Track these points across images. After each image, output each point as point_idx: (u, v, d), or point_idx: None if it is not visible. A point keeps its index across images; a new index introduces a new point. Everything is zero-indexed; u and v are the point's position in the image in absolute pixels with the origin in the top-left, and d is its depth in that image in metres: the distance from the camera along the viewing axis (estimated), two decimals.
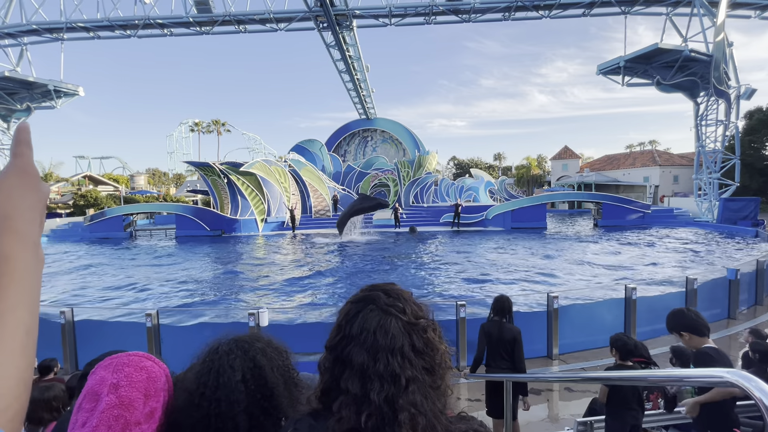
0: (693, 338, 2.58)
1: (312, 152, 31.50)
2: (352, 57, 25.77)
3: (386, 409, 0.69)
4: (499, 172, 68.19)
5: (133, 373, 0.81)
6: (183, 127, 60.32)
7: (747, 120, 35.71)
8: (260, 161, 23.88)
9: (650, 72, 22.42)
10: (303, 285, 10.75)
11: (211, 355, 0.94)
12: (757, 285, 8.20)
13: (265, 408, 0.90)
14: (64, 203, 38.96)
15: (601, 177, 43.37)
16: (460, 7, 22.53)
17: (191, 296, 9.88)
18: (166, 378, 0.87)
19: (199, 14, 22.95)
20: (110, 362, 0.83)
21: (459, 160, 76.88)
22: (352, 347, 0.75)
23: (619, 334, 3.20)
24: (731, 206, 21.44)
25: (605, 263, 12.66)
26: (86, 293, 10.34)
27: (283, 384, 0.94)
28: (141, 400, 0.79)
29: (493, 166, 74.02)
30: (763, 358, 3.42)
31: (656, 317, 6.51)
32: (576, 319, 6.23)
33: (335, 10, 20.94)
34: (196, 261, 15.07)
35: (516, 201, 26.11)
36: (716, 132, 21.93)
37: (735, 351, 5.15)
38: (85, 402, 0.78)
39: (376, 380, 0.71)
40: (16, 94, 21.92)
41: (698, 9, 20.96)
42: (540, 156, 64.58)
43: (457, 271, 11.90)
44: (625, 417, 2.88)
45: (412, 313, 0.77)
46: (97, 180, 49.77)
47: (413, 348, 0.74)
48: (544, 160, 63.34)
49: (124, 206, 28.13)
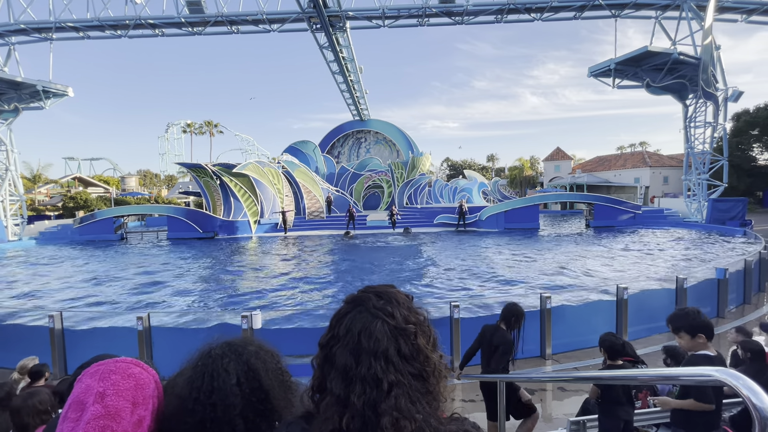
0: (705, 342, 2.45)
1: (305, 153, 31.39)
2: (346, 58, 25.74)
3: (369, 412, 0.68)
4: (493, 173, 68.58)
5: (120, 381, 0.79)
6: (175, 128, 59.71)
7: (734, 122, 36.35)
8: (253, 162, 23.73)
9: (640, 74, 22.73)
10: (295, 287, 10.69)
11: (203, 359, 0.92)
12: (745, 284, 8.33)
13: (261, 411, 0.89)
14: (53, 205, 38.37)
15: (593, 178, 43.80)
16: (453, 9, 22.63)
17: (184, 298, 9.78)
18: (156, 384, 0.85)
19: (191, 15, 22.73)
20: (96, 369, 0.80)
21: (452, 162, 77.19)
22: (338, 347, 0.74)
23: (608, 334, 3.23)
24: (720, 207, 21.78)
25: (599, 263, 12.78)
26: (76, 296, 10.17)
27: (277, 387, 0.93)
28: (128, 409, 0.77)
29: (486, 167, 74.43)
30: (755, 356, 3.46)
31: (647, 317, 6.59)
32: (568, 319, 6.27)
33: (328, 12, 20.91)
34: (187, 263, 14.92)
35: (509, 202, 26.25)
36: (704, 134, 22.27)
37: (724, 350, 5.22)
38: (70, 412, 0.76)
39: (358, 383, 0.70)
40: (4, 94, 21.53)
41: (686, 13, 21.32)
42: (532, 157, 65.06)
43: (460, 272, 11.93)
44: (618, 413, 2.90)
45: (402, 317, 0.75)
46: (87, 182, 49.11)
47: (399, 353, 0.72)
48: (536, 162, 63.80)
49: (114, 208, 27.78)
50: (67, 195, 37.36)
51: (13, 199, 22.68)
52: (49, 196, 42.87)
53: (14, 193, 22.68)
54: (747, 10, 21.68)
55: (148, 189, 59.19)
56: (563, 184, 44.25)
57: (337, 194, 28.42)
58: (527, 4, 22.16)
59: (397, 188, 28.99)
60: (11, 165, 22.18)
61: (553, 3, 21.91)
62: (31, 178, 40.18)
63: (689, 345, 2.51)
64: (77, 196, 36.02)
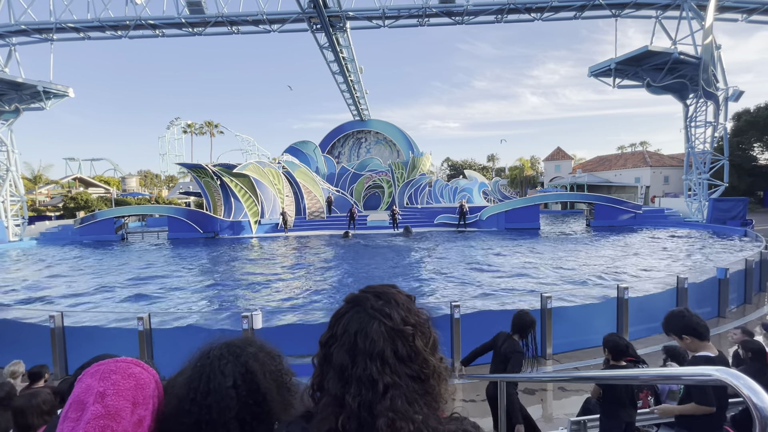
0: (694, 342, 2.47)
1: (306, 154, 31.40)
2: (346, 58, 25.75)
3: (364, 413, 0.68)
4: (493, 173, 68.55)
5: (121, 381, 0.79)
6: (175, 128, 59.76)
7: (735, 121, 36.32)
8: (254, 163, 23.74)
9: (640, 74, 22.71)
10: (296, 286, 10.70)
11: (202, 360, 0.92)
12: (746, 284, 8.31)
13: (257, 414, 0.89)
14: (53, 206, 38.42)
15: (593, 178, 43.78)
16: (453, 9, 22.63)
17: (185, 299, 9.79)
18: (156, 384, 0.85)
19: (191, 15, 22.75)
20: (97, 369, 0.80)
21: (453, 162, 77.20)
22: (336, 347, 0.74)
23: (611, 334, 3.23)
24: (720, 206, 21.75)
25: (597, 263, 12.77)
26: (76, 296, 10.18)
27: (275, 389, 0.93)
28: (129, 409, 0.77)
29: (486, 167, 74.41)
30: (755, 355, 3.45)
31: (648, 317, 6.59)
32: (568, 319, 6.27)
33: (329, 12, 20.91)
34: (187, 263, 14.93)
35: (510, 202, 26.25)
36: (705, 133, 22.25)
37: (725, 349, 5.22)
38: (70, 411, 0.76)
39: (354, 384, 0.69)
40: (5, 95, 21.55)
41: (687, 12, 21.31)
42: (533, 157, 65.07)
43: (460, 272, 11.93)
44: (620, 415, 2.89)
45: (400, 318, 0.74)
46: (88, 182, 49.14)
47: (396, 354, 0.71)
48: (537, 162, 63.80)
49: (115, 208, 27.82)
50: (68, 195, 37.39)
51: (14, 199, 22.70)
52: (49, 196, 42.91)
53: (15, 193, 22.69)
54: (747, 9, 21.65)
55: (148, 189, 59.24)
56: (564, 184, 44.23)
57: (338, 194, 28.41)
58: (527, 4, 22.15)
59: (398, 188, 28.99)
60: (12, 165, 22.21)
61: (553, 3, 21.90)
62: (32, 178, 40.25)
63: (684, 346, 2.53)
64: (78, 197, 36.05)
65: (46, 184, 44.87)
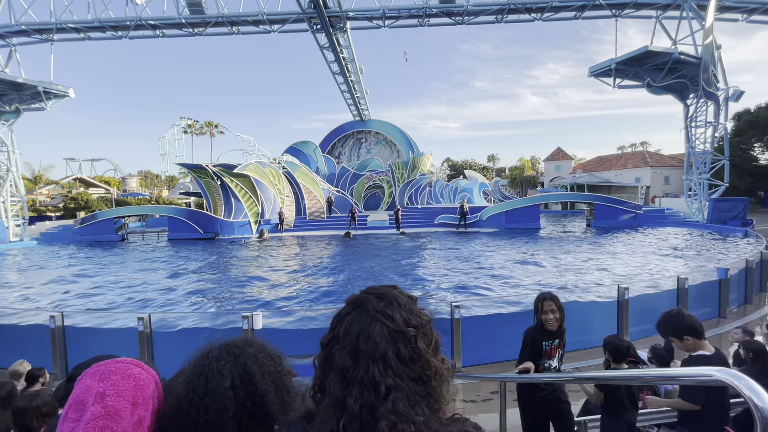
0: (695, 341, 2.45)
1: (306, 154, 31.41)
2: (346, 59, 25.75)
3: (366, 416, 0.67)
4: (493, 173, 68.57)
5: (120, 381, 0.79)
6: (175, 128, 59.79)
7: (735, 122, 36.32)
8: (254, 163, 23.76)
9: (641, 74, 22.70)
10: (296, 287, 10.69)
11: (201, 361, 0.92)
12: (746, 284, 8.31)
13: (255, 415, 0.89)
14: (54, 206, 38.42)
15: (594, 178, 43.77)
16: (453, 9, 22.64)
17: (185, 299, 9.78)
18: (156, 385, 0.85)
19: (191, 15, 22.76)
20: (96, 370, 0.80)
21: (453, 162, 77.22)
22: (337, 348, 0.73)
23: (612, 336, 3.22)
24: (721, 206, 21.74)
25: (597, 263, 12.76)
26: (77, 297, 10.18)
27: (274, 390, 0.92)
28: (128, 410, 0.77)
29: (486, 167, 74.44)
30: (756, 356, 3.45)
31: (649, 317, 6.57)
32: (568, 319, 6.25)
33: (329, 12, 20.93)
34: (188, 264, 14.93)
35: (510, 202, 26.26)
36: (705, 133, 22.24)
37: (725, 349, 5.21)
38: (70, 412, 0.76)
39: (356, 386, 0.69)
40: (5, 95, 21.57)
41: (687, 12, 21.30)
42: (533, 157, 65.22)
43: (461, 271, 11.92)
44: (623, 416, 2.89)
45: (402, 320, 0.74)
46: (88, 182, 49.16)
47: (398, 356, 0.71)
48: (537, 162, 63.84)
49: (115, 209, 27.81)
50: (68, 196, 37.42)
51: (15, 200, 22.72)
52: (50, 197, 42.91)
53: (15, 194, 22.71)
54: (748, 9, 21.64)
55: (149, 190, 59.27)
56: (564, 184, 44.23)
57: (338, 195, 28.42)
58: (527, 4, 22.15)
59: (398, 188, 28.99)
60: (12, 166, 22.22)
61: (553, 3, 21.90)
62: (33, 179, 40.32)
63: (683, 347, 2.51)
64: (78, 197, 36.08)
65: (47, 185, 44.91)
